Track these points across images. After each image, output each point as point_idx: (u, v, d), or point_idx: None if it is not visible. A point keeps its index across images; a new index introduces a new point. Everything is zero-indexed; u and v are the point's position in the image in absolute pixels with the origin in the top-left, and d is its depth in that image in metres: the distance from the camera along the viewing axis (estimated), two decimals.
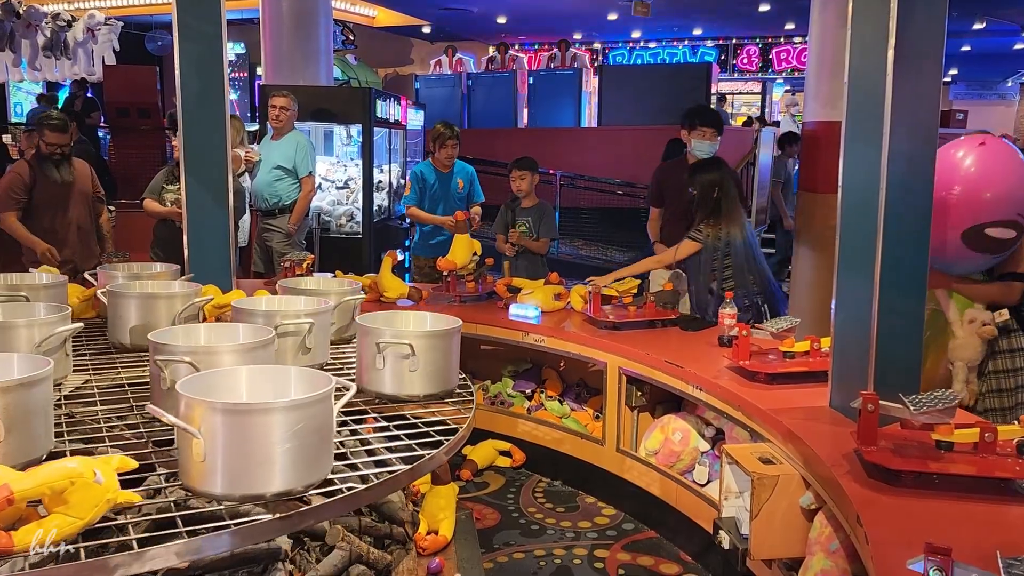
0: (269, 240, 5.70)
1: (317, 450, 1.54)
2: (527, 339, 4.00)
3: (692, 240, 4.11)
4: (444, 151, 5.37)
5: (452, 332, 2.15)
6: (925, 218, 2.44)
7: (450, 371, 2.14)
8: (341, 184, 7.58)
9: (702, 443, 3.38)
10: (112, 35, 9.79)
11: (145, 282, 2.65)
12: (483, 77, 14.50)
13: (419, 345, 2.03)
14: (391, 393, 2.06)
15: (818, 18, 6.77)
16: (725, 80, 18.00)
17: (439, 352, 2.09)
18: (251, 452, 1.46)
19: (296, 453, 1.49)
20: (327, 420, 1.57)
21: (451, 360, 2.14)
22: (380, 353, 2.03)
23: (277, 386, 1.68)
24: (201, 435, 1.44)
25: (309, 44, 8.18)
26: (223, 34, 3.23)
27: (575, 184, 10.97)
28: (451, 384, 2.15)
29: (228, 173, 3.36)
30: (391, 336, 2.05)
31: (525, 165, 5.22)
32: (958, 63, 17.96)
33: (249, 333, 2.01)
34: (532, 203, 5.23)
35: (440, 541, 2.81)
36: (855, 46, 2.48)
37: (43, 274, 2.74)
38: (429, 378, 2.07)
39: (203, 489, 1.48)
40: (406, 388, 2.05)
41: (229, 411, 1.46)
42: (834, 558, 2.21)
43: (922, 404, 2.10)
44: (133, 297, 2.38)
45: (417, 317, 2.34)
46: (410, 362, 2.02)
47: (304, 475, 1.52)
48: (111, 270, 2.90)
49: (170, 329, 2.00)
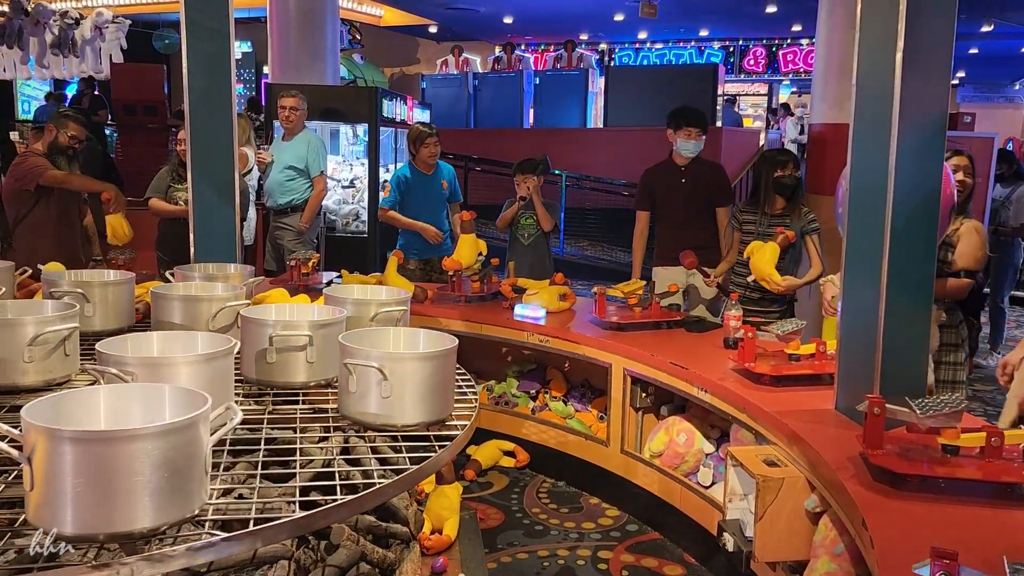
0: (280, 239, 5.73)
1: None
2: (532, 339, 4.00)
3: (816, 230, 4.16)
4: (426, 150, 5.25)
5: (441, 355, 1.88)
6: (932, 221, 2.44)
7: (436, 399, 1.88)
8: (347, 183, 7.59)
9: (707, 445, 3.37)
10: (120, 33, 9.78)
11: (190, 283, 2.58)
12: (489, 77, 14.51)
13: (391, 368, 1.79)
14: (364, 420, 1.84)
15: (826, 20, 6.76)
16: (731, 81, 17.98)
17: (420, 376, 1.84)
18: None
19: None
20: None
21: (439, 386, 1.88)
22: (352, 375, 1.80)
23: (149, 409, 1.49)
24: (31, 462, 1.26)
25: (316, 43, 8.19)
26: (231, 32, 3.24)
27: (580, 185, 10.97)
28: (440, 413, 1.90)
29: (235, 171, 3.36)
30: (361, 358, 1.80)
31: (529, 167, 5.19)
32: (966, 66, 17.92)
33: (207, 343, 1.87)
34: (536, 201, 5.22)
35: (444, 541, 2.81)
36: (863, 48, 2.47)
37: (110, 272, 2.71)
38: (403, 404, 1.82)
39: None
40: (385, 415, 1.82)
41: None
42: (839, 561, 2.20)
43: (928, 408, 2.09)
44: (176, 299, 2.31)
45: (408, 335, 2.05)
46: (382, 387, 1.79)
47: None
48: (188, 270, 2.89)
49: (121, 338, 1.87)
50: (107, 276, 2.62)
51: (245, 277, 2.80)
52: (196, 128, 3.23)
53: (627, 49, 18.68)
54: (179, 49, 3.23)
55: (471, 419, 2.00)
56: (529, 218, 5.19)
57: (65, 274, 2.61)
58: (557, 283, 4.30)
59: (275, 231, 5.80)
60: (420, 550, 2.54)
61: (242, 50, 15.16)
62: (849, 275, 2.57)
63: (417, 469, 1.73)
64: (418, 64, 17.91)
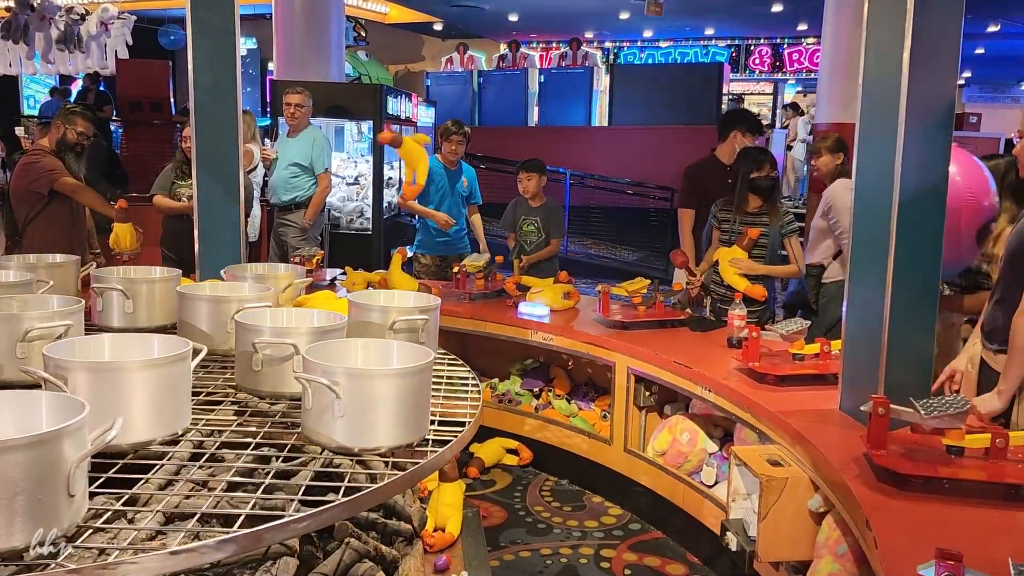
0: (284, 235, 5.74)
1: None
2: (535, 337, 4.00)
3: (794, 232, 4.15)
4: (448, 146, 5.32)
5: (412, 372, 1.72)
6: (939, 221, 2.43)
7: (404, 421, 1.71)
8: (351, 180, 7.59)
9: (710, 444, 3.37)
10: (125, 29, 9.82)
11: (216, 284, 2.57)
12: (494, 75, 14.51)
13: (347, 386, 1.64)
14: (319, 441, 1.71)
15: (832, 19, 6.75)
16: (737, 80, 17.94)
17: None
18: None
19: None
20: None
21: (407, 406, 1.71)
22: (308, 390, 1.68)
23: None
24: None
25: (321, 40, 8.19)
26: (236, 29, 3.24)
27: (585, 183, 10.96)
28: (407, 436, 1.72)
29: (240, 168, 3.36)
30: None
31: (533, 167, 5.22)
32: (971, 65, 17.86)
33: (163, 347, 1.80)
34: (539, 203, 5.23)
35: (447, 538, 2.81)
36: (870, 47, 2.46)
37: (156, 269, 2.72)
38: (360, 426, 1.66)
39: None
40: (341, 437, 1.67)
41: None
42: (842, 562, 2.20)
43: (933, 408, 2.09)
44: (204, 300, 2.29)
45: (381, 348, 1.92)
46: (335, 406, 1.64)
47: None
48: (239, 270, 2.89)
49: (72, 341, 1.83)
50: (153, 273, 2.64)
51: (295, 278, 2.78)
52: (201, 125, 3.23)
53: (632, 48, 18.65)
54: (184, 45, 3.23)
55: (474, 417, 2.01)
56: (531, 224, 5.19)
57: (113, 271, 2.64)
58: (561, 281, 4.30)
59: (279, 228, 5.81)
60: (423, 547, 2.54)
61: (247, 47, 15.16)
62: (854, 274, 2.57)
63: (420, 467, 1.73)
64: (423, 61, 17.90)
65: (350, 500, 1.55)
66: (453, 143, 5.32)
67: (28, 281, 2.53)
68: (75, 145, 4.83)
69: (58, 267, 2.83)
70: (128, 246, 4.19)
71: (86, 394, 1.52)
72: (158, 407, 1.66)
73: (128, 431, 1.58)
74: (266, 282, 2.71)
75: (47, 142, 4.88)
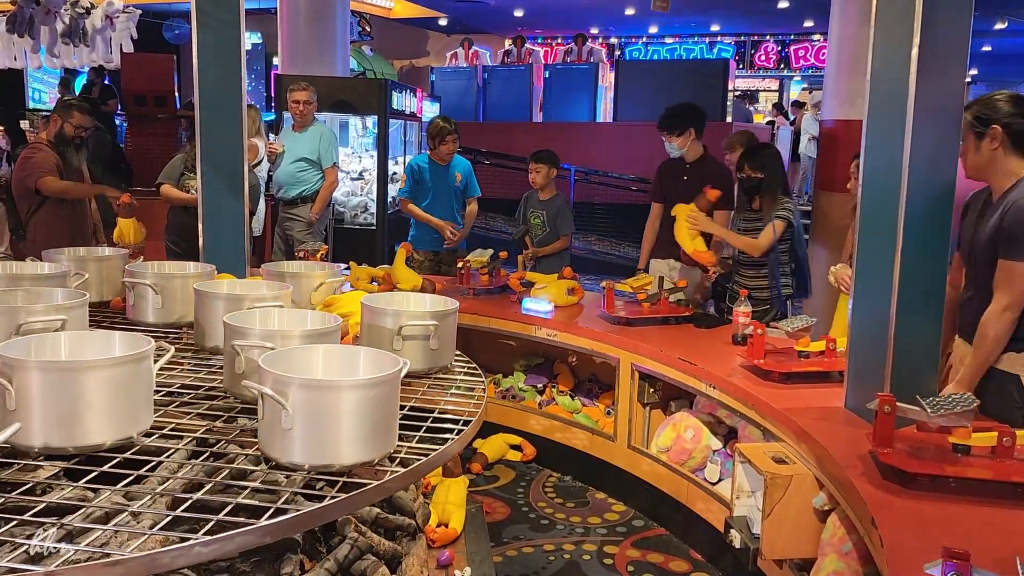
0: (290, 229, 5.74)
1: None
2: (539, 333, 3.99)
3: (782, 219, 4.07)
4: (444, 147, 5.27)
5: None
6: (946, 218, 2.42)
7: None
8: (356, 175, 7.59)
9: (714, 441, 3.36)
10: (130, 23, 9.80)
11: (235, 282, 2.55)
12: (499, 70, 14.48)
13: None
14: (271, 455, 1.64)
15: (838, 15, 6.71)
16: (742, 77, 17.91)
17: None
18: None
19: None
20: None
21: None
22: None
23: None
24: None
25: (326, 35, 8.18)
26: (241, 23, 3.23)
27: (589, 179, 10.94)
28: (366, 454, 1.62)
29: (244, 162, 3.36)
30: None
31: (543, 158, 5.21)
32: (979, 63, 17.80)
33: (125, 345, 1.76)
34: (548, 196, 5.22)
35: (450, 534, 2.80)
36: (878, 44, 2.45)
37: (190, 264, 2.73)
38: (307, 441, 1.58)
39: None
40: (290, 452, 1.60)
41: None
42: (846, 560, 2.19)
43: (939, 406, 2.08)
44: (218, 298, 2.28)
45: (347, 355, 1.83)
46: (283, 419, 1.58)
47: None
48: (276, 267, 2.90)
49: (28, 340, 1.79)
50: (188, 269, 2.64)
51: (328, 277, 2.78)
52: (206, 119, 3.23)
53: (637, 43, 18.62)
54: (189, 40, 3.23)
55: (479, 412, 2.00)
56: (537, 217, 5.19)
57: (148, 265, 2.65)
58: (565, 277, 4.29)
59: (285, 222, 5.81)
60: (426, 543, 2.54)
61: (252, 41, 15.16)
62: (861, 271, 2.56)
63: (424, 462, 1.73)
64: (428, 57, 17.89)
65: (354, 494, 1.55)
66: (449, 143, 5.25)
67: (62, 273, 2.54)
68: (73, 138, 4.82)
69: (105, 260, 2.87)
70: (132, 240, 4.19)
71: (30, 394, 1.52)
72: (107, 409, 1.58)
73: (74, 433, 1.55)
74: (301, 280, 2.70)
75: (46, 136, 4.88)
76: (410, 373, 2.18)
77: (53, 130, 4.80)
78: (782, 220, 4.04)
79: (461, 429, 1.89)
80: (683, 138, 4.60)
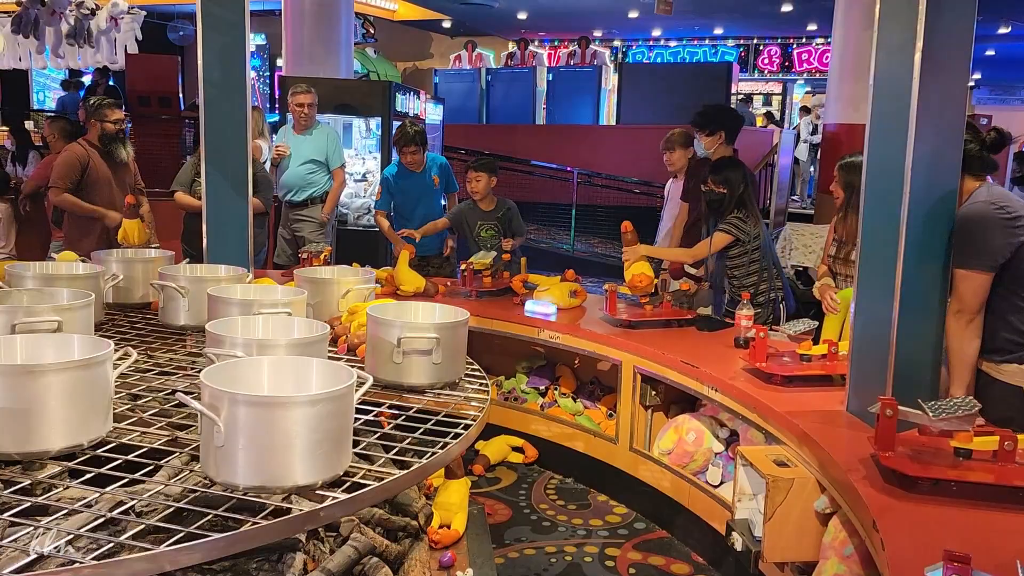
0: (300, 230, 5.76)
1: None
2: (542, 336, 4.00)
3: (725, 232, 4.05)
4: (404, 158, 5.17)
5: None
6: (948, 223, 2.43)
7: None
8: (359, 177, 7.60)
9: (716, 444, 3.36)
10: (135, 24, 9.84)
11: (249, 287, 2.57)
12: (502, 73, 14.51)
13: None
14: (208, 474, 1.55)
15: (842, 20, 6.73)
16: (745, 80, 17.91)
17: None
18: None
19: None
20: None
21: None
22: None
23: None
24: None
25: (330, 36, 8.21)
26: (246, 24, 3.25)
27: (592, 182, 10.96)
28: (310, 475, 1.52)
29: (248, 163, 3.37)
30: None
31: (482, 166, 5.00)
32: (982, 67, 17.79)
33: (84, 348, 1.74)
34: (491, 205, 5.03)
35: (452, 535, 2.81)
36: (881, 48, 2.45)
37: (222, 267, 2.76)
38: (236, 460, 1.50)
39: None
40: (224, 472, 1.53)
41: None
42: (848, 563, 2.19)
43: (941, 410, 2.08)
44: (231, 303, 2.30)
45: (300, 366, 1.74)
46: (215, 436, 1.50)
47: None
48: (312, 272, 2.91)
49: None
50: (220, 272, 2.66)
51: (357, 284, 2.79)
52: (210, 120, 3.24)
53: (641, 46, 18.63)
54: (194, 41, 3.24)
55: (481, 414, 2.01)
56: (490, 229, 5.03)
57: (181, 267, 2.68)
58: (568, 280, 4.29)
59: (294, 223, 5.83)
60: (428, 544, 2.55)
61: (256, 43, 15.19)
62: (863, 275, 2.56)
63: (426, 463, 1.73)
64: (431, 59, 17.92)
65: (357, 495, 1.56)
66: (406, 155, 5.12)
67: (95, 274, 2.57)
68: (116, 134, 4.99)
69: (151, 263, 2.94)
70: (137, 241, 4.21)
71: None
72: (56, 415, 1.54)
73: (18, 438, 1.51)
74: (331, 286, 2.70)
75: (89, 140, 4.98)
76: (412, 387, 2.19)
77: (94, 134, 4.94)
78: (723, 233, 4.04)
79: (463, 431, 1.89)
80: (712, 139, 4.57)
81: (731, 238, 4.03)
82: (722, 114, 4.72)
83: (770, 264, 4.10)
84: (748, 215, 4.06)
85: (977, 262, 2.52)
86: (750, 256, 4.05)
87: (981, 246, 2.52)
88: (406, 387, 2.21)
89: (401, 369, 2.18)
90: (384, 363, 2.19)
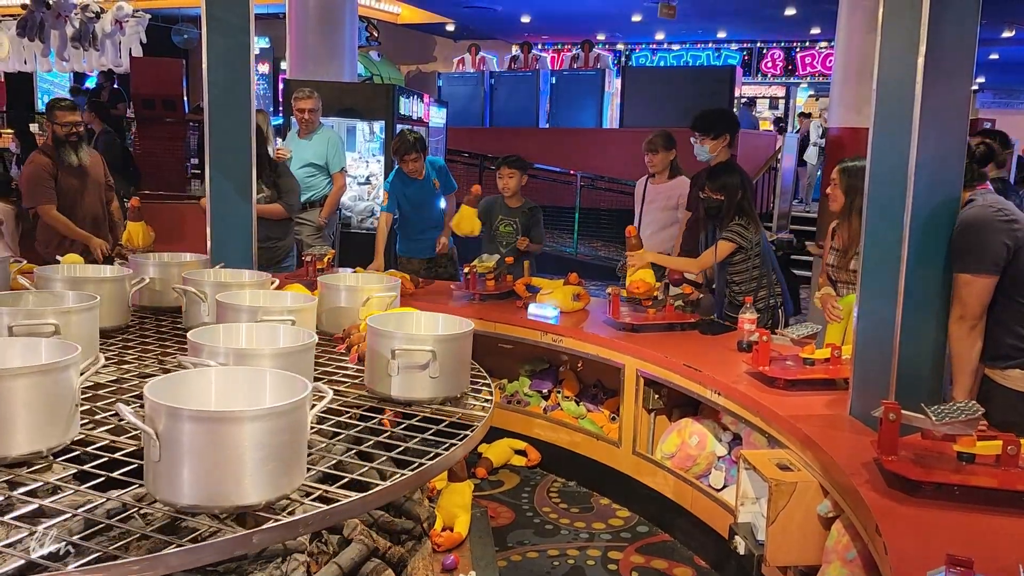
0: (299, 234, 5.76)
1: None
2: (545, 339, 4.00)
3: (728, 240, 4.03)
4: (405, 167, 5.15)
5: None
6: (951, 227, 2.43)
7: None
8: (363, 180, 7.61)
9: (719, 447, 3.36)
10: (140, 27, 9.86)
11: (257, 293, 2.56)
12: (505, 76, 14.51)
13: None
14: None
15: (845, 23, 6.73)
16: (749, 84, 17.91)
17: None
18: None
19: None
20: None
21: None
22: None
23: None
24: None
25: (334, 40, 8.23)
26: (251, 27, 3.26)
27: (595, 185, 10.96)
28: (259, 494, 1.45)
29: (252, 165, 3.38)
30: None
31: (515, 164, 5.01)
32: (985, 71, 17.77)
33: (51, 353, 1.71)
34: (518, 203, 5.06)
35: (455, 538, 2.81)
36: (884, 52, 2.45)
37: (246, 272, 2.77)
38: (177, 478, 1.44)
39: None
40: (163, 490, 1.47)
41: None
42: (851, 567, 2.19)
43: (944, 415, 2.08)
44: (239, 309, 2.29)
45: (253, 378, 1.67)
46: (152, 451, 1.45)
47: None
48: (333, 279, 2.91)
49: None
50: (244, 277, 2.66)
51: (378, 292, 2.79)
52: (215, 123, 3.25)
53: (644, 50, 18.65)
54: (198, 44, 3.26)
55: (485, 417, 2.01)
56: (509, 225, 5.05)
57: (206, 273, 2.68)
58: (571, 283, 4.29)
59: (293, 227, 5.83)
60: (431, 547, 2.55)
61: (260, 46, 15.22)
62: (867, 280, 2.56)
63: (429, 466, 1.74)
64: (435, 62, 17.94)
65: (361, 497, 1.56)
66: (408, 163, 5.10)
67: (121, 277, 2.58)
68: (67, 137, 4.80)
69: (184, 265, 2.95)
70: (141, 244, 4.22)
71: None
72: (16, 421, 1.52)
73: None
74: (353, 293, 2.70)
75: (48, 141, 4.91)
76: (410, 402, 2.13)
77: (49, 136, 4.85)
78: (727, 241, 4.03)
79: (467, 434, 1.90)
80: (716, 142, 4.53)
81: (735, 246, 4.03)
82: (724, 117, 4.72)
83: (769, 270, 4.09)
84: (749, 221, 4.06)
85: (979, 266, 2.52)
86: (751, 262, 4.05)
87: (982, 249, 2.52)
88: (402, 402, 2.13)
89: (396, 383, 2.09)
90: (380, 376, 2.12)
